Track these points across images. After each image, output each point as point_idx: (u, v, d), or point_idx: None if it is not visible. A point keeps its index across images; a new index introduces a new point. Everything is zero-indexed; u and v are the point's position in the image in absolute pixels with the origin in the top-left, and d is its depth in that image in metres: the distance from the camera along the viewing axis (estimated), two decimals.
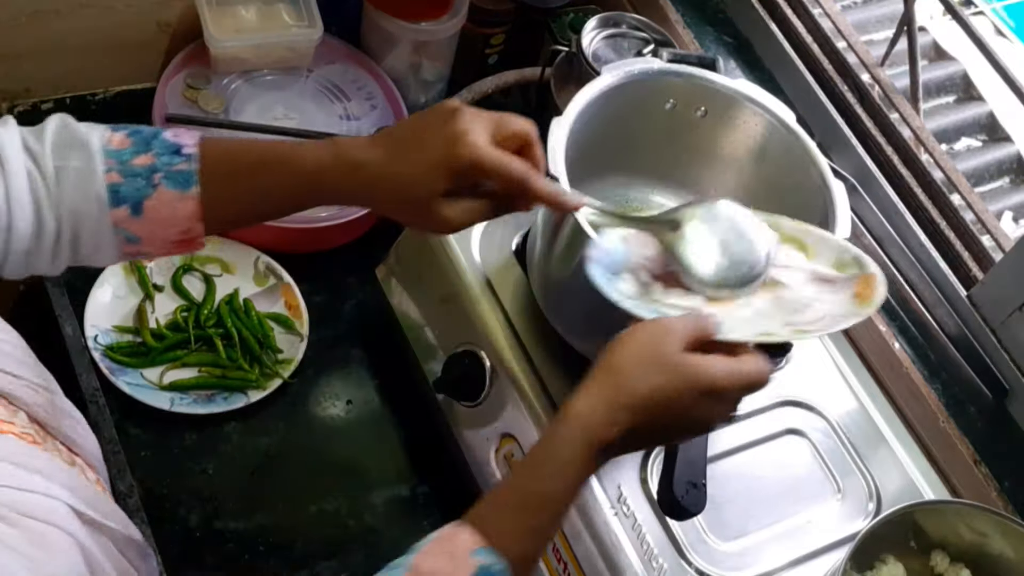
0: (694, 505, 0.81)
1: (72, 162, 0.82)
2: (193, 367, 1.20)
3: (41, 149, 0.82)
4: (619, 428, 0.77)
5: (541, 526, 0.78)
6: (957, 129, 2.04)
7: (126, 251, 0.87)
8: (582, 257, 0.86)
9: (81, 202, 0.82)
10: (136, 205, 0.83)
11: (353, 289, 1.32)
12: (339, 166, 0.85)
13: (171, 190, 0.84)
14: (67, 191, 0.82)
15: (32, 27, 1.28)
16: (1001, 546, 1.01)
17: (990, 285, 1.18)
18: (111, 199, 0.83)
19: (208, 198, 0.85)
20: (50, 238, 0.83)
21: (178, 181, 0.84)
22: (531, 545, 0.78)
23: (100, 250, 0.86)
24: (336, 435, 1.22)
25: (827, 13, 1.43)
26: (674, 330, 0.79)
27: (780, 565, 1.01)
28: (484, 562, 0.73)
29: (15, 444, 0.73)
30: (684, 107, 1.09)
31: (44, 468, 0.72)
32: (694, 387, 0.78)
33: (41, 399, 0.80)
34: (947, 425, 1.16)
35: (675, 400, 0.78)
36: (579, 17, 1.42)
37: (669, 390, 0.77)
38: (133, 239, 0.85)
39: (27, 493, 0.69)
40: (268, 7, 1.37)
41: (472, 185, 0.86)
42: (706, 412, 0.80)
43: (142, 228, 0.85)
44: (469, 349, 1.09)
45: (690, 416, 0.79)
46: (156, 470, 1.13)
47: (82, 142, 0.83)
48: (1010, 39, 2.56)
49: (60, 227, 0.83)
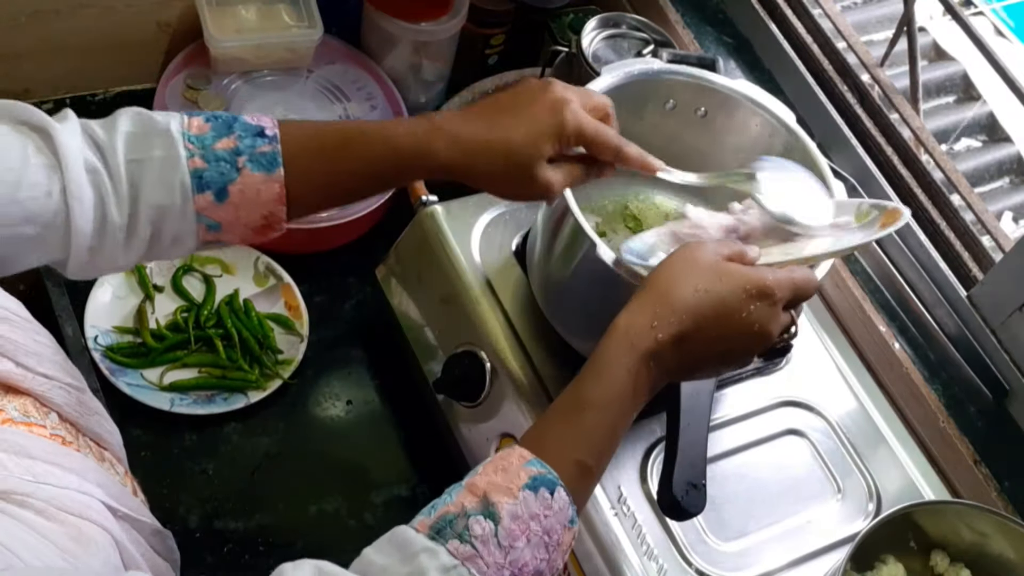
0: (694, 506, 0.81)
1: (155, 151, 0.80)
2: (193, 368, 1.20)
3: (111, 142, 0.80)
4: (664, 334, 0.78)
5: (591, 431, 0.78)
6: (957, 129, 2.04)
7: (205, 239, 0.85)
8: (617, 253, 0.91)
9: (163, 194, 0.81)
10: (220, 190, 0.82)
11: (353, 289, 1.32)
12: (437, 138, 0.86)
13: (256, 173, 0.82)
14: (147, 183, 0.80)
15: (32, 27, 1.28)
16: (1001, 546, 1.01)
17: (990, 285, 1.18)
18: (195, 185, 0.81)
19: (292, 180, 0.83)
20: (118, 234, 0.81)
21: (263, 163, 0.82)
22: (584, 452, 0.77)
23: (180, 241, 0.84)
24: (336, 435, 1.22)
25: (827, 13, 1.43)
26: (711, 247, 0.83)
27: (780, 565, 1.01)
28: (536, 471, 0.73)
29: (47, 444, 0.74)
30: (684, 107, 1.09)
31: (77, 467, 0.73)
32: (741, 287, 0.79)
33: (71, 399, 0.81)
34: (947, 425, 1.16)
35: (724, 303, 0.79)
36: (579, 17, 1.43)
37: (714, 293, 0.79)
38: (214, 226, 0.84)
39: (63, 490, 0.69)
40: (268, 7, 1.37)
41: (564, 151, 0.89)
42: (761, 316, 0.80)
43: (225, 214, 0.83)
44: (469, 349, 1.09)
45: (744, 322, 0.80)
46: (156, 470, 1.13)
47: (162, 129, 0.81)
48: (1010, 39, 2.56)
49: (135, 222, 0.81)
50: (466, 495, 0.73)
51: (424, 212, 1.15)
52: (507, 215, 1.15)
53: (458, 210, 1.14)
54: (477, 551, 0.69)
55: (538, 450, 0.75)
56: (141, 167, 0.80)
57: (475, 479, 0.74)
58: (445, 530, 0.71)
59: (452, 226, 1.13)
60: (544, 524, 0.72)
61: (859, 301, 1.23)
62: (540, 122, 0.86)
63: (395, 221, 1.27)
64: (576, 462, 0.76)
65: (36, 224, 0.77)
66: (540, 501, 0.73)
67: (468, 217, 1.14)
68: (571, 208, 0.94)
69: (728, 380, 1.11)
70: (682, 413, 0.83)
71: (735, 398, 1.10)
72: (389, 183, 0.89)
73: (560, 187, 0.90)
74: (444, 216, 1.14)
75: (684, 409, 0.83)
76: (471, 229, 1.13)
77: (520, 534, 0.71)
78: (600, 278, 0.94)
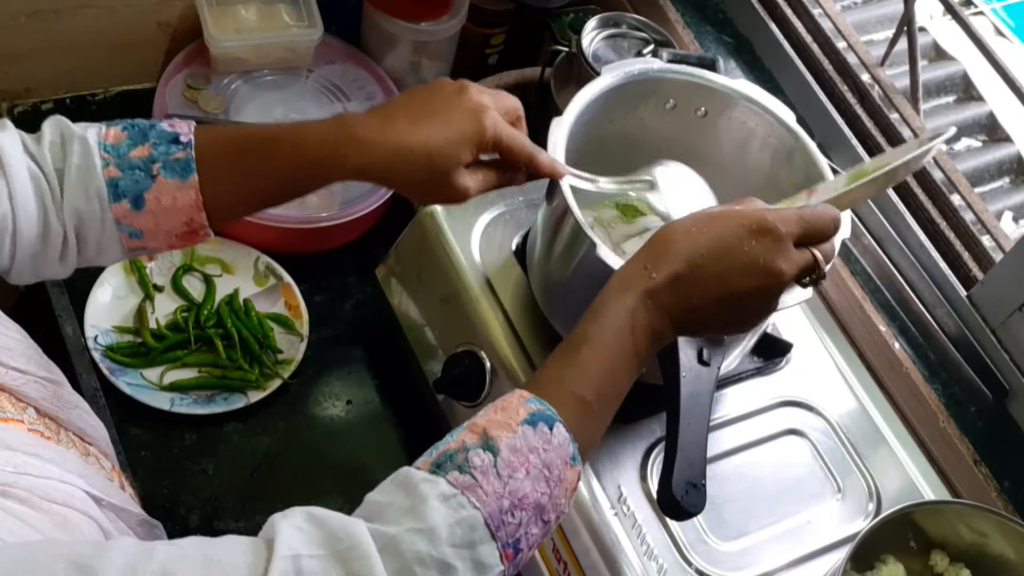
0: (694, 505, 0.81)
1: (72, 159, 0.81)
2: (193, 367, 1.20)
3: (41, 152, 0.81)
4: (658, 273, 0.76)
5: (587, 366, 0.76)
6: (957, 129, 2.04)
7: (130, 247, 0.86)
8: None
9: (83, 201, 0.82)
10: (136, 198, 0.82)
11: (353, 289, 1.32)
12: (348, 145, 0.85)
13: (170, 180, 0.82)
14: (69, 191, 0.82)
15: (32, 27, 1.28)
16: (1001, 546, 1.01)
17: (990, 285, 1.18)
18: (111, 194, 0.82)
19: (208, 186, 0.83)
20: (57, 240, 0.82)
21: (176, 170, 0.83)
22: (581, 386, 0.76)
23: (105, 249, 0.85)
24: (336, 435, 1.22)
25: (827, 13, 1.43)
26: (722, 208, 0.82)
27: (780, 565, 1.01)
28: (535, 408, 0.73)
29: (26, 436, 0.74)
30: (684, 107, 1.09)
31: (58, 458, 0.73)
32: (737, 224, 0.77)
33: (48, 392, 0.81)
34: (947, 425, 1.16)
35: (720, 240, 0.77)
36: (579, 17, 1.43)
37: (710, 232, 0.77)
38: (136, 234, 0.84)
39: (45, 480, 0.69)
40: (268, 7, 1.37)
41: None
42: (764, 252, 0.76)
43: (145, 222, 0.84)
44: (469, 349, 1.09)
45: (747, 259, 0.77)
46: (156, 470, 1.13)
47: (79, 138, 0.82)
48: (1010, 39, 2.56)
49: (66, 230, 0.82)
50: (467, 433, 0.73)
51: (424, 212, 1.15)
52: (507, 215, 1.15)
53: (458, 210, 1.14)
54: (476, 480, 0.69)
55: (536, 389, 0.75)
56: (62, 175, 0.81)
57: (476, 419, 0.74)
58: (445, 464, 0.71)
59: (452, 226, 1.13)
60: (543, 457, 0.72)
61: (859, 301, 1.23)
62: (459, 128, 0.85)
63: (395, 221, 1.27)
64: (574, 396, 0.75)
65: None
66: (539, 435, 0.72)
67: (468, 217, 1.14)
68: (571, 208, 0.94)
69: (728, 380, 1.11)
70: (682, 413, 0.83)
71: (735, 398, 1.10)
72: (305, 188, 0.88)
73: (475, 192, 0.89)
74: (444, 216, 1.14)
75: (684, 409, 0.83)
76: (471, 229, 1.13)
77: (519, 466, 0.71)
78: (600, 278, 0.93)
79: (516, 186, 0.94)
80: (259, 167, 0.86)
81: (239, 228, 1.27)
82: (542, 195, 1.02)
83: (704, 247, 0.77)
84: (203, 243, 1.23)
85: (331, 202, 1.31)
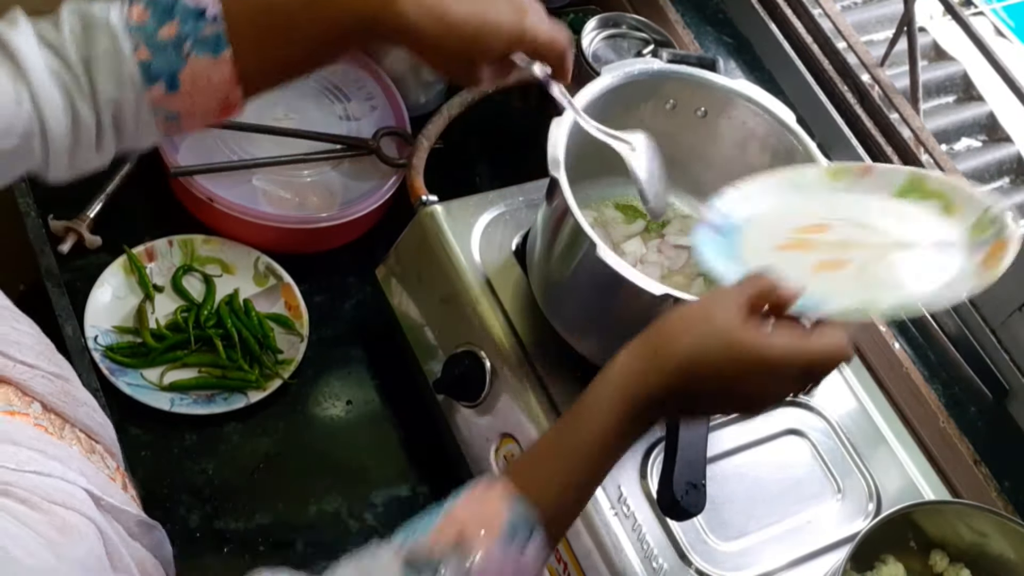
0: (694, 505, 0.81)
1: (99, 47, 0.77)
2: (193, 367, 1.20)
3: (61, 40, 0.77)
4: (654, 387, 0.76)
5: (575, 476, 0.77)
6: (957, 129, 2.04)
7: (167, 130, 0.82)
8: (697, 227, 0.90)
9: (116, 88, 0.78)
10: (171, 79, 0.79)
11: (353, 289, 1.32)
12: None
13: (203, 57, 0.79)
14: (101, 79, 0.77)
15: None
16: (1001, 546, 1.01)
17: (990, 285, 1.18)
18: (145, 78, 0.78)
19: (243, 58, 0.80)
20: (90, 131, 0.78)
21: (207, 46, 0.79)
22: (566, 495, 0.77)
23: (142, 133, 0.81)
24: (336, 435, 1.22)
25: (827, 13, 1.43)
26: (728, 295, 0.77)
27: (780, 565, 1.01)
28: (517, 510, 0.73)
29: (32, 431, 0.74)
30: (684, 107, 1.09)
31: (61, 455, 0.73)
32: (741, 361, 0.75)
33: (55, 388, 0.80)
34: (947, 425, 1.16)
35: (719, 371, 0.76)
36: (579, 17, 1.43)
37: (711, 360, 0.75)
38: (172, 116, 0.81)
39: (47, 478, 0.69)
40: None
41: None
42: (759, 389, 0.77)
43: (181, 103, 0.80)
44: (469, 349, 1.09)
45: (740, 391, 0.77)
46: (156, 470, 1.13)
47: (103, 22, 0.77)
48: (1010, 39, 2.55)
49: (100, 118, 0.78)
50: (443, 529, 0.73)
51: (424, 212, 1.15)
52: (507, 215, 1.15)
53: (458, 210, 1.14)
54: None
55: (521, 488, 0.75)
56: (91, 64, 0.77)
57: (454, 507, 0.74)
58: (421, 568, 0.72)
59: (452, 226, 1.13)
60: (516, 569, 0.73)
61: None
62: (503, 19, 0.84)
63: (395, 221, 1.27)
64: (557, 506, 0.76)
65: (13, 136, 0.75)
66: (516, 548, 0.73)
67: (468, 217, 1.14)
68: (571, 208, 0.94)
69: None
70: None
71: None
72: (345, 49, 0.85)
73: (489, 85, 0.88)
74: (444, 216, 1.14)
75: None
76: (471, 229, 1.13)
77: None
78: (600, 278, 0.94)
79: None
80: (300, 30, 0.82)
81: (239, 228, 1.27)
82: (542, 195, 1.02)
83: (703, 369, 0.76)
84: (203, 244, 1.23)
85: (331, 202, 1.31)
